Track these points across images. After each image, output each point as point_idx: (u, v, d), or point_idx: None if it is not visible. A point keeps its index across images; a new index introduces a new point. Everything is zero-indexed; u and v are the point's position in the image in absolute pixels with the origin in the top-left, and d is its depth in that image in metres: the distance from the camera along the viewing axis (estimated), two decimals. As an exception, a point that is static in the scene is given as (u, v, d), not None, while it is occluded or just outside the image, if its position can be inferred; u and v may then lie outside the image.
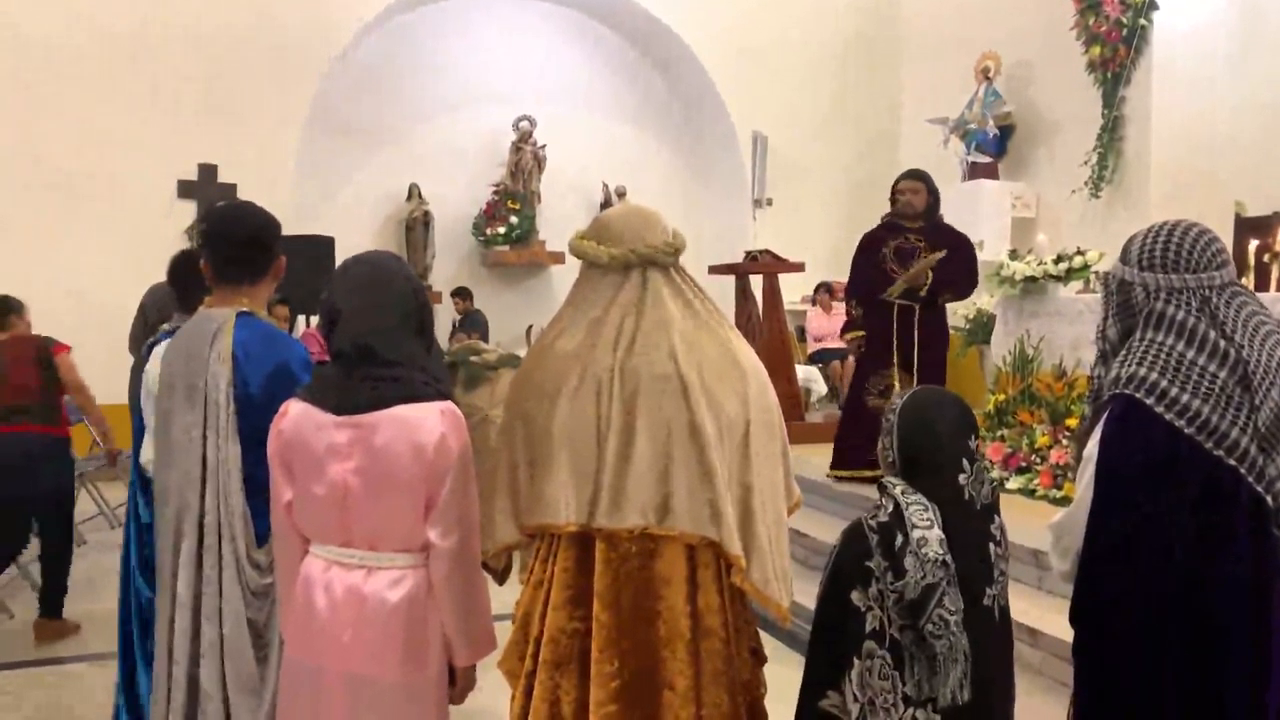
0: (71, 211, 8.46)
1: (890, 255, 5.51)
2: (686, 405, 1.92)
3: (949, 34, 9.95)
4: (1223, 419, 1.79)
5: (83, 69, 8.56)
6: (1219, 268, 1.91)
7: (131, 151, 8.58)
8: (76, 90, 8.55)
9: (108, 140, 8.54)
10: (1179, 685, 1.81)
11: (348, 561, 2.11)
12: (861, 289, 5.68)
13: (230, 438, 2.28)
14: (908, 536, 1.86)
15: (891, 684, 1.86)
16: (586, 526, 1.94)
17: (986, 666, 1.92)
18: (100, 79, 8.61)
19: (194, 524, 2.28)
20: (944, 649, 1.83)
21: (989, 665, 1.93)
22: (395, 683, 2.09)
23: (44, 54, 8.48)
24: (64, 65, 8.53)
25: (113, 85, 8.63)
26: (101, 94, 8.60)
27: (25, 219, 8.37)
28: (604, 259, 2.05)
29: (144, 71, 8.72)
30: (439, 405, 2.09)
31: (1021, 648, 3.88)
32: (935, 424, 1.98)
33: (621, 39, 11.22)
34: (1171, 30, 7.73)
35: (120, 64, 8.67)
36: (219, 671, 2.25)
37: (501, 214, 10.47)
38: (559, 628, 1.97)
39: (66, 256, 8.32)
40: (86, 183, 8.48)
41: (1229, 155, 7.67)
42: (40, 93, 8.48)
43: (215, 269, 2.48)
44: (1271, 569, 1.79)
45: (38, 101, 8.46)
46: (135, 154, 8.60)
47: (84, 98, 8.55)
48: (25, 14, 8.42)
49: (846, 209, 11.06)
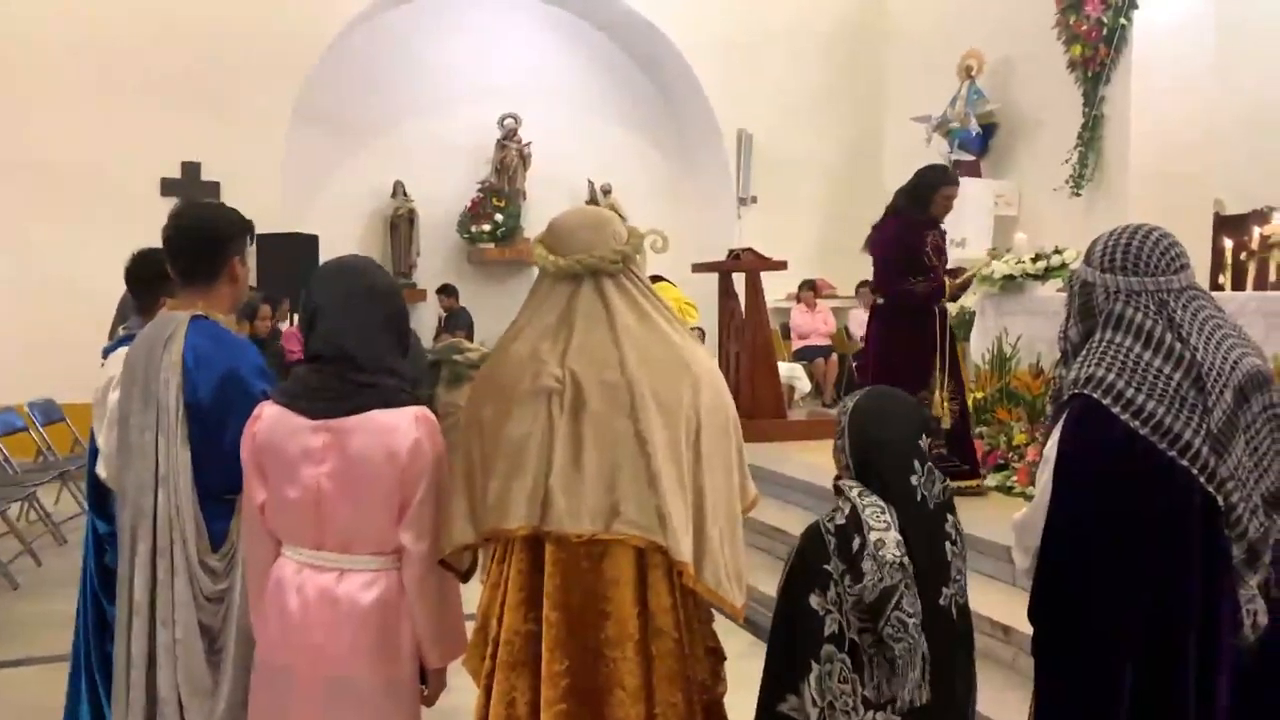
0: (54, 208, 8.42)
1: (930, 250, 5.46)
2: (634, 413, 1.95)
3: (932, 32, 10.00)
4: (1176, 420, 1.82)
5: (65, 65, 8.54)
6: (1177, 271, 1.95)
7: (114, 149, 8.56)
8: (59, 86, 8.52)
9: (90, 137, 8.51)
10: (1134, 682, 1.84)
11: (320, 564, 2.13)
12: (917, 268, 5.33)
13: (181, 442, 2.29)
14: (865, 539, 1.87)
15: (852, 687, 1.88)
16: (537, 530, 1.97)
17: (946, 667, 1.94)
18: (83, 75, 8.58)
19: (148, 528, 2.29)
20: (903, 651, 1.85)
21: (948, 665, 1.95)
22: (368, 684, 2.11)
23: (26, 49, 8.45)
24: (46, 61, 8.50)
25: (95, 81, 8.61)
26: (84, 90, 8.58)
27: (6, 214, 8.34)
28: (550, 268, 2.08)
29: (127, 68, 8.69)
30: (413, 410, 2.12)
31: (994, 644, 3.94)
32: (887, 425, 2.01)
33: (607, 37, 11.23)
34: (1151, 30, 7.79)
35: (103, 60, 8.64)
36: (174, 675, 2.27)
37: (487, 211, 10.49)
38: (513, 629, 2.00)
39: (49, 253, 8.30)
40: (69, 180, 8.46)
41: (1208, 154, 7.74)
42: (22, 88, 8.46)
43: (173, 271, 2.48)
44: (1221, 568, 1.83)
45: (20, 97, 8.43)
46: (118, 151, 8.58)
47: (66, 94, 8.53)
48: (7, 9, 8.39)
49: (831, 207, 11.11)
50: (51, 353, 7.39)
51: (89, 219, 8.38)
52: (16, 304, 8.30)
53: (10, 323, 8.22)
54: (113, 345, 2.76)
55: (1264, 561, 1.87)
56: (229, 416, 2.24)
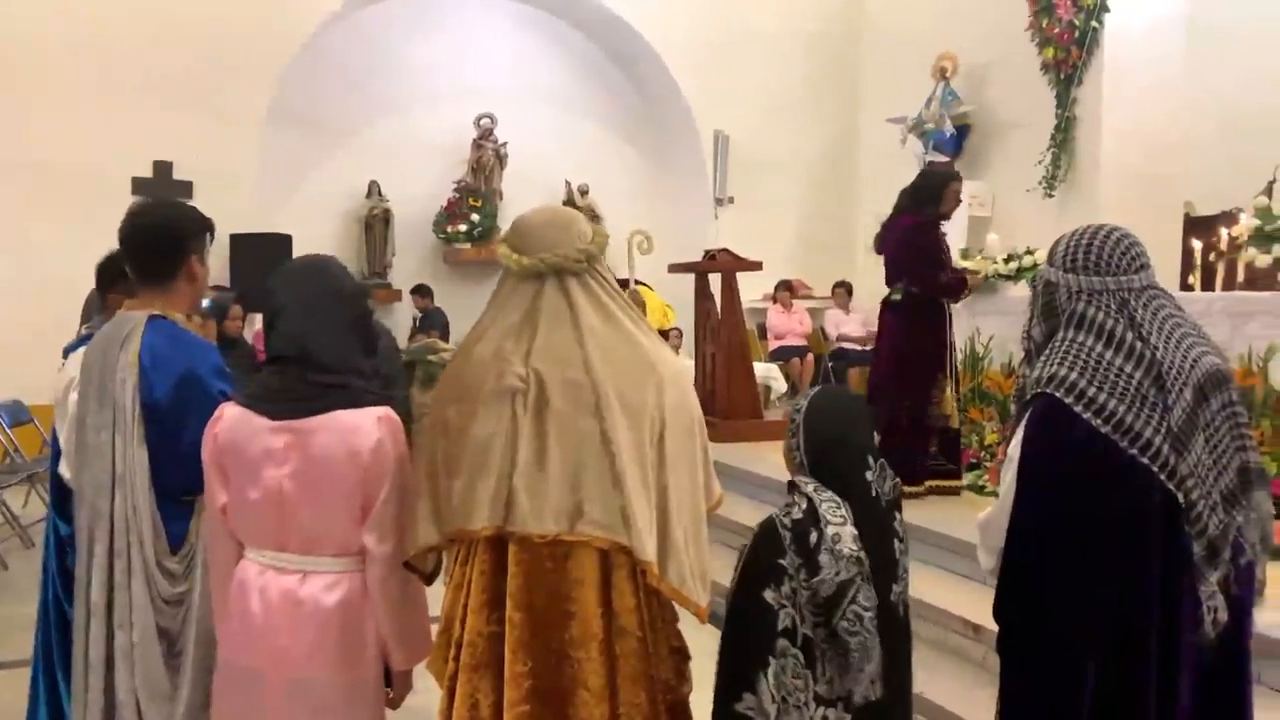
0: (23, 207, 8.32)
1: (945, 247, 5.45)
2: (598, 413, 1.94)
3: (907, 34, 10.04)
4: (1138, 419, 1.84)
5: (34, 62, 8.43)
6: (1138, 271, 1.96)
7: (84, 147, 8.45)
8: (28, 83, 8.42)
9: (59, 135, 8.40)
10: (1097, 681, 1.85)
11: (283, 566, 2.11)
12: (935, 263, 5.34)
13: (137, 443, 2.27)
14: (822, 533, 1.89)
15: (804, 683, 1.89)
16: (501, 530, 1.96)
17: (895, 662, 1.97)
18: (52, 72, 8.48)
19: (105, 530, 2.27)
20: (858, 645, 1.87)
21: (897, 661, 1.98)
22: (331, 686, 2.10)
23: (11, 48, 8.33)
24: (15, 58, 8.40)
25: (65, 78, 8.51)
26: (53, 87, 8.47)
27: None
28: (514, 267, 2.07)
29: (98, 64, 8.59)
30: (376, 411, 2.10)
31: (964, 642, 3.96)
32: (842, 423, 2.04)
33: (584, 37, 11.21)
34: (1122, 33, 7.86)
35: (73, 57, 8.54)
36: (131, 679, 2.24)
37: (463, 211, 10.44)
38: (477, 630, 1.99)
39: (18, 252, 8.19)
40: (37, 179, 8.34)
41: (1178, 156, 7.82)
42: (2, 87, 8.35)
43: (130, 269, 2.45)
44: (1182, 566, 1.84)
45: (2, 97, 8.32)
46: (88, 150, 8.47)
47: (35, 91, 8.43)
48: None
49: (807, 208, 11.14)
50: (16, 354, 7.29)
51: (62, 216, 8.26)
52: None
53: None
54: (73, 345, 2.73)
55: (1223, 558, 1.88)
56: (187, 417, 2.22)
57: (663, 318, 8.74)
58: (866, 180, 11.11)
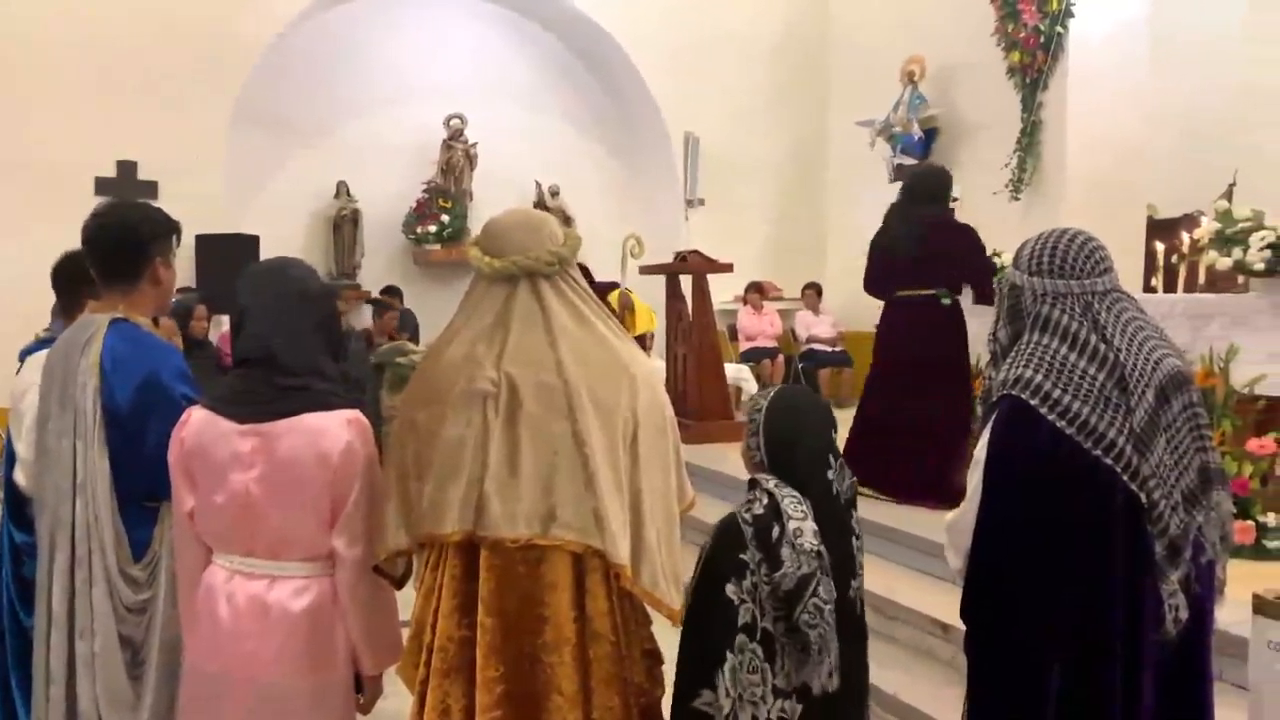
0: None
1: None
2: (571, 415, 1.94)
3: (876, 38, 10.11)
4: (1101, 420, 1.86)
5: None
6: (1101, 274, 1.99)
7: (45, 146, 8.31)
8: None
9: (20, 134, 8.26)
10: (1062, 680, 1.87)
11: (251, 570, 2.09)
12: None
13: (99, 449, 2.24)
14: (784, 528, 1.92)
15: (761, 677, 1.92)
16: (472, 535, 1.95)
17: (851, 656, 2.01)
18: (12, 69, 8.33)
19: (66, 537, 2.23)
20: (818, 638, 1.91)
21: (854, 655, 2.03)
22: (299, 691, 2.09)
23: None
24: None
25: (26, 76, 8.36)
26: (13, 85, 8.32)
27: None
28: (486, 270, 2.06)
29: (59, 62, 8.45)
30: (345, 413, 2.09)
31: (934, 642, 4.00)
32: (804, 421, 2.07)
33: (554, 38, 11.19)
34: (1086, 38, 7.95)
35: (33, 54, 8.39)
36: (93, 688, 2.21)
37: (433, 212, 10.38)
38: (448, 635, 1.98)
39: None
40: (5, 176, 8.20)
41: (1142, 160, 7.93)
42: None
43: (94, 273, 2.42)
44: (1144, 566, 1.87)
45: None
46: (50, 149, 8.32)
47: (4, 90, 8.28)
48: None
49: (778, 210, 11.19)
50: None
51: (22, 217, 8.12)
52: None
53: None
54: (29, 348, 2.68)
55: (1184, 558, 1.91)
56: (148, 421, 2.19)
57: (649, 322, 8.71)
58: (836, 183, 11.19)
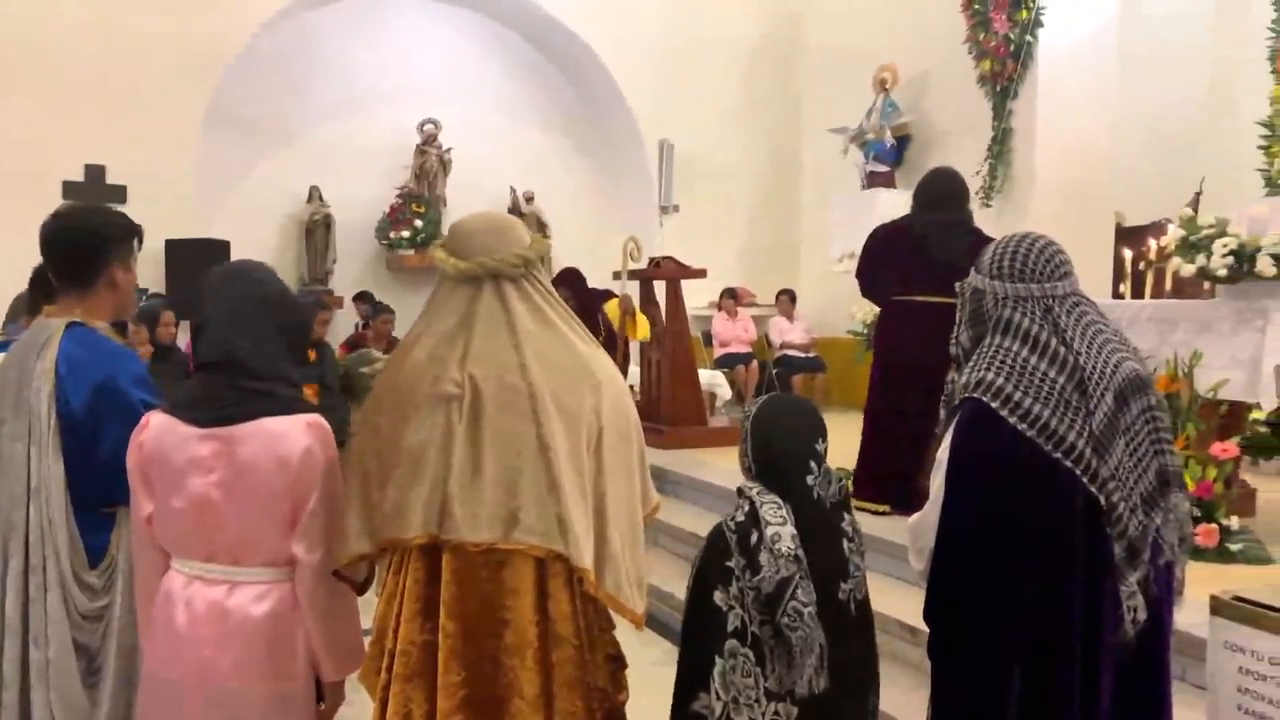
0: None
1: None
2: (535, 418, 1.93)
3: (848, 46, 10.18)
4: (1061, 423, 1.88)
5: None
6: (1061, 278, 2.01)
7: (12, 150, 8.21)
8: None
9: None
10: (1022, 682, 1.89)
11: (210, 576, 2.07)
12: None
13: (53, 454, 2.21)
14: (762, 534, 1.96)
15: (754, 680, 1.96)
16: (435, 538, 1.94)
17: (844, 657, 2.03)
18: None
19: (20, 543, 2.20)
20: (799, 640, 1.93)
21: (846, 655, 2.04)
22: (258, 698, 2.06)
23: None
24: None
25: None
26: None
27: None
28: (450, 271, 2.05)
29: (28, 65, 8.36)
30: (305, 417, 2.07)
31: (903, 646, 4.01)
32: (784, 430, 2.11)
33: (529, 44, 11.20)
34: (1055, 48, 8.05)
35: (1, 56, 8.29)
36: (47, 696, 2.18)
37: (406, 217, 10.34)
38: (410, 640, 1.96)
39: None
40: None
41: (1110, 169, 8.03)
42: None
43: (51, 274, 2.40)
44: (1103, 567, 1.89)
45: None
46: (16, 153, 8.22)
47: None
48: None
49: (752, 216, 11.24)
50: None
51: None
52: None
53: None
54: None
55: (1143, 559, 1.93)
56: (104, 426, 2.17)
57: (647, 330, 8.68)
58: (809, 190, 11.25)
